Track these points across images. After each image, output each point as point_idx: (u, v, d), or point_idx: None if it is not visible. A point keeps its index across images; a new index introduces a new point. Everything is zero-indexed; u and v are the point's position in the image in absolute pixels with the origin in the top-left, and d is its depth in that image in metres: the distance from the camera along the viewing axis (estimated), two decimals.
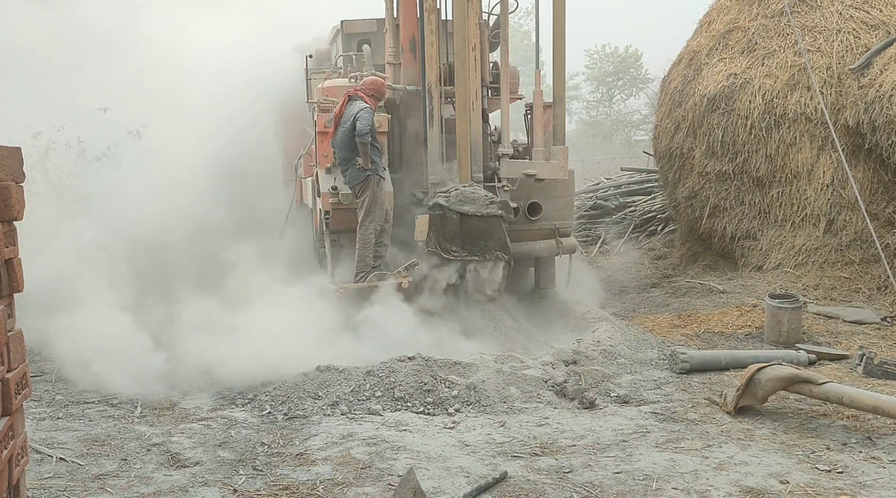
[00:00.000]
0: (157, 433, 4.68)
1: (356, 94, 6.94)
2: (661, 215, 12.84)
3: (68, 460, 4.17)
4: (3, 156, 2.24)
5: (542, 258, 8.23)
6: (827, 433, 4.53)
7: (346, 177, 7.04)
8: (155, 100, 8.27)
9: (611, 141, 35.94)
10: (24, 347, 2.37)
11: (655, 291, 9.67)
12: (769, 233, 9.21)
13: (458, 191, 7.04)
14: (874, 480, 3.83)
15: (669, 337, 7.01)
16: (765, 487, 3.77)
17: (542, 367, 5.79)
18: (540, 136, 7.73)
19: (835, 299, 7.99)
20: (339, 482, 3.92)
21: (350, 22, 8.97)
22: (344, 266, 7.31)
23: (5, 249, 2.23)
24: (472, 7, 7.29)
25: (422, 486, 3.56)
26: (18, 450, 2.32)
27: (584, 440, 4.51)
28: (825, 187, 8.75)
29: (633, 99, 38.38)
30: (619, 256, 12.11)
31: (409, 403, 5.18)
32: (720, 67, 9.80)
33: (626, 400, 5.31)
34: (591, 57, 39.70)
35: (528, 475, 3.98)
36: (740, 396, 4.90)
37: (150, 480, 3.96)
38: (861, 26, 8.90)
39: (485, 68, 7.68)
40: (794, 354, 6.15)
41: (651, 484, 3.83)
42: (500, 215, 7.05)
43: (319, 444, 4.51)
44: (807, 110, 8.86)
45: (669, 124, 10.53)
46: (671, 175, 10.61)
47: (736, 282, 9.01)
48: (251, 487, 3.88)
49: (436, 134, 7.39)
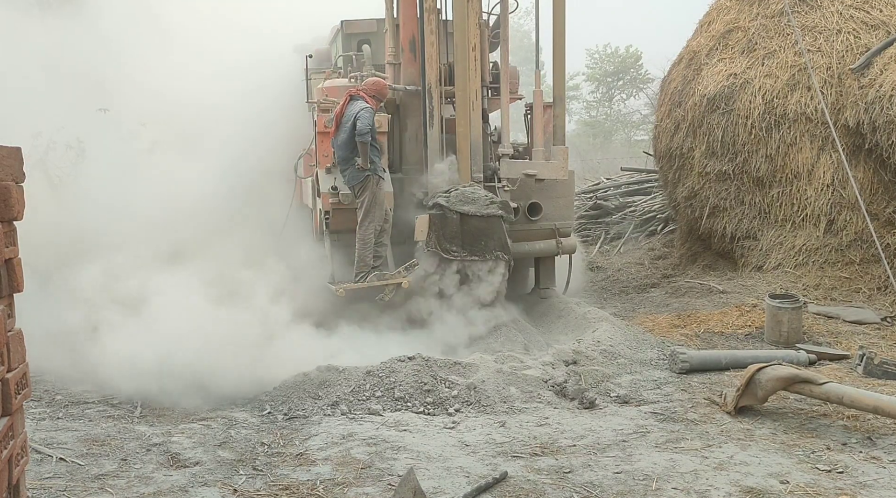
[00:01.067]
0: (157, 433, 4.68)
1: (358, 94, 6.94)
2: (661, 215, 12.85)
3: (68, 460, 4.17)
4: (3, 156, 2.24)
5: (542, 258, 8.24)
6: (827, 433, 4.53)
7: (345, 177, 7.04)
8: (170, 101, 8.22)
9: (611, 141, 35.92)
10: (24, 347, 2.37)
11: (655, 291, 9.67)
12: (769, 233, 9.21)
13: (458, 191, 7.04)
14: (874, 480, 3.83)
15: (669, 337, 7.01)
16: (765, 487, 3.77)
17: (542, 367, 5.80)
18: (540, 136, 7.73)
19: (835, 299, 7.99)
20: (339, 482, 3.92)
21: (350, 22, 8.96)
22: (344, 266, 7.31)
23: (5, 249, 2.23)
24: (472, 7, 7.29)
25: (422, 486, 3.56)
26: (18, 450, 2.32)
27: (584, 440, 4.51)
28: (825, 187, 8.75)
29: (633, 99, 38.38)
30: (619, 255, 12.11)
31: (409, 403, 5.18)
32: (720, 67, 9.80)
33: (626, 400, 5.31)
34: (591, 57, 39.70)
35: (528, 475, 3.98)
36: (740, 396, 4.90)
37: (150, 480, 3.96)
38: (861, 26, 8.90)
39: (485, 68, 7.68)
40: (795, 354, 6.15)
41: (651, 484, 3.83)
42: (501, 215, 7.05)
43: (319, 444, 4.51)
44: (807, 110, 8.86)
45: (669, 124, 10.53)
46: (671, 175, 10.61)
47: (736, 282, 9.01)
48: (251, 487, 3.88)
49: (436, 134, 7.39)
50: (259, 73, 8.58)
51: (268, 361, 5.67)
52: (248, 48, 8.57)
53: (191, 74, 8.27)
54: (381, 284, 6.96)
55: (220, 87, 8.12)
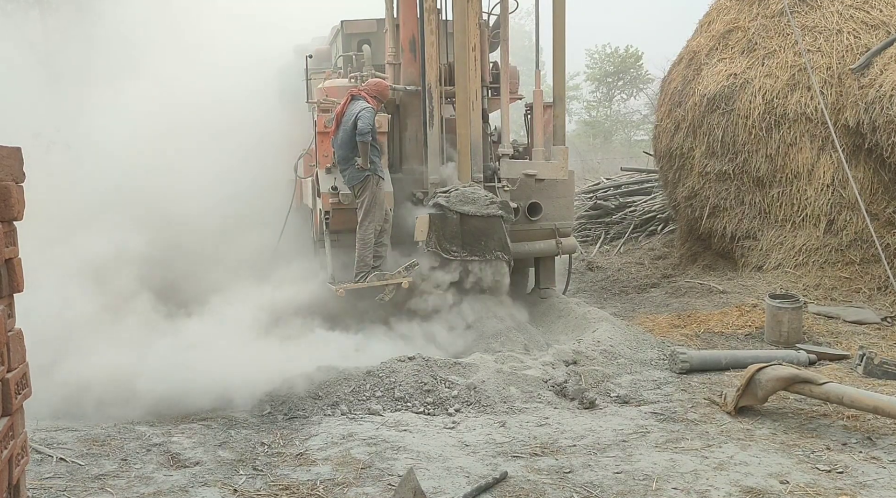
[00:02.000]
0: (157, 433, 4.68)
1: (359, 94, 6.94)
2: (661, 215, 12.85)
3: (68, 460, 4.17)
4: (3, 156, 2.24)
5: (542, 258, 8.24)
6: (827, 433, 4.53)
7: (345, 177, 7.04)
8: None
9: (611, 141, 35.90)
10: (24, 347, 2.37)
11: (655, 291, 9.67)
12: (769, 233, 9.21)
13: (458, 191, 7.04)
14: (874, 480, 3.83)
15: (669, 337, 7.01)
16: (765, 487, 3.77)
17: (542, 367, 5.80)
18: (540, 136, 7.73)
19: (835, 299, 7.99)
20: (339, 482, 3.92)
21: (350, 22, 8.96)
22: (344, 266, 7.31)
23: (5, 249, 2.23)
24: (472, 7, 7.29)
25: (422, 486, 3.56)
26: (18, 450, 2.32)
27: (585, 440, 4.51)
28: (825, 187, 8.75)
29: (633, 99, 38.38)
30: (619, 256, 12.11)
31: (410, 403, 5.18)
32: (720, 67, 9.80)
33: (626, 400, 5.31)
34: (591, 57, 39.69)
35: (528, 475, 3.98)
36: (740, 396, 4.90)
37: (150, 480, 3.96)
38: (861, 26, 8.90)
39: (485, 68, 7.68)
40: (795, 354, 6.15)
41: (651, 484, 3.83)
42: (501, 215, 7.05)
43: (319, 444, 4.51)
44: (807, 110, 8.86)
45: (669, 124, 10.53)
46: (671, 175, 10.61)
47: (736, 282, 9.01)
48: (251, 487, 3.88)
49: (436, 134, 7.39)
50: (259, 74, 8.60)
51: (268, 361, 5.67)
52: (247, 49, 8.57)
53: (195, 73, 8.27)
54: (381, 283, 6.96)
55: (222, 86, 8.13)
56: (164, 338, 5.74)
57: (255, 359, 5.61)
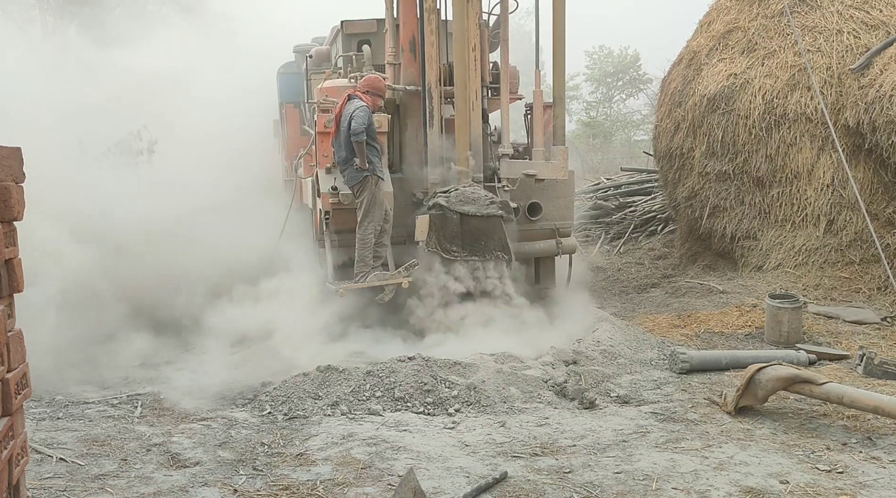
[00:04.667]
0: (157, 433, 4.68)
1: (355, 93, 6.95)
2: (661, 215, 12.85)
3: (68, 460, 4.16)
4: (3, 156, 2.24)
5: (542, 258, 8.23)
6: (827, 433, 4.53)
7: (345, 177, 7.05)
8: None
9: (611, 141, 35.91)
10: (24, 347, 2.37)
11: (655, 291, 9.67)
12: (769, 233, 9.21)
13: (458, 191, 7.04)
14: (874, 480, 3.83)
15: (669, 337, 7.01)
16: (765, 487, 3.77)
17: (542, 367, 5.79)
18: (540, 136, 7.72)
19: (835, 299, 7.99)
20: (339, 482, 3.92)
21: (350, 22, 8.95)
22: (344, 266, 7.31)
23: (5, 249, 2.23)
24: (472, 7, 7.29)
25: (422, 486, 3.56)
26: (18, 450, 2.32)
27: (585, 440, 4.51)
28: (825, 187, 8.75)
29: (633, 99, 38.42)
30: (619, 256, 12.11)
31: (409, 404, 5.18)
32: (720, 67, 9.80)
33: (626, 400, 5.31)
34: (590, 57, 39.71)
35: (528, 475, 3.98)
36: (740, 396, 4.90)
37: (150, 481, 3.95)
38: (861, 26, 8.90)
39: (485, 68, 7.67)
40: (795, 354, 6.15)
41: (651, 484, 3.83)
42: (501, 215, 7.05)
43: (319, 444, 4.50)
44: (807, 110, 8.86)
45: (669, 124, 10.53)
46: (671, 175, 10.61)
47: (736, 282, 9.01)
48: (251, 487, 3.88)
49: (436, 134, 7.39)
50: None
51: (268, 361, 5.68)
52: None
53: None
54: (381, 283, 6.96)
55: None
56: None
57: (255, 359, 5.62)
